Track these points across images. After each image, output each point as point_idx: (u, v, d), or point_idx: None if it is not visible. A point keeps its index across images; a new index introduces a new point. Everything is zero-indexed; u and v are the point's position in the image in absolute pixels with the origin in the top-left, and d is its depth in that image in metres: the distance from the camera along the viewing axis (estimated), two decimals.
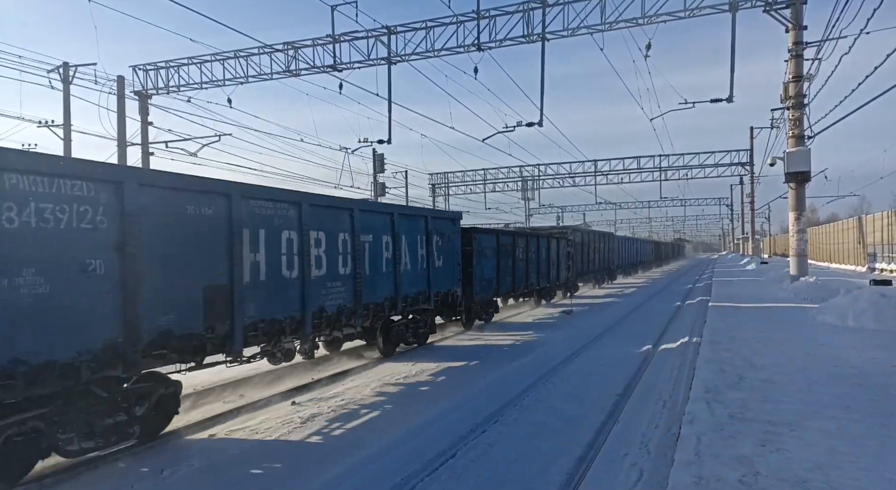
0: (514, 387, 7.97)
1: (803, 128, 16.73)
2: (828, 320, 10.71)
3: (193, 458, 5.47)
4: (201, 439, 6.10)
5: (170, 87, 21.77)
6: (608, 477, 4.73)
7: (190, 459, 5.43)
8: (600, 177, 40.68)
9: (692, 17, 16.84)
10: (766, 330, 9.92)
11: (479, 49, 18.37)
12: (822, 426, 4.64)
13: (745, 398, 5.53)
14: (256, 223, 7.04)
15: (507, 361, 9.94)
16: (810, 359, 7.38)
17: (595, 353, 10.56)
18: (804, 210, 17.11)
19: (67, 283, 4.87)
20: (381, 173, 32.25)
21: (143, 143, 22.08)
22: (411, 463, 5.15)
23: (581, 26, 17.36)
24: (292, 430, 6.24)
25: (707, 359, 7.52)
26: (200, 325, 6.14)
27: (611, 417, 6.48)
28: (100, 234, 5.16)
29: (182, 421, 6.58)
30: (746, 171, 40.17)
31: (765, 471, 3.73)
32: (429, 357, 10.53)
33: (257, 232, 7.05)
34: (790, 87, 16.74)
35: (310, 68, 19.93)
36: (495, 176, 43.58)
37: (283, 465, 5.26)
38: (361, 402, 7.39)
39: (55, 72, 19.59)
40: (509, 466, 5.06)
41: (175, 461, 5.40)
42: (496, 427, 6.15)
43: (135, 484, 4.94)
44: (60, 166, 4.93)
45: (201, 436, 6.20)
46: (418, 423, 6.35)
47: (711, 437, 4.40)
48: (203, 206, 6.26)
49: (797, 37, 16.27)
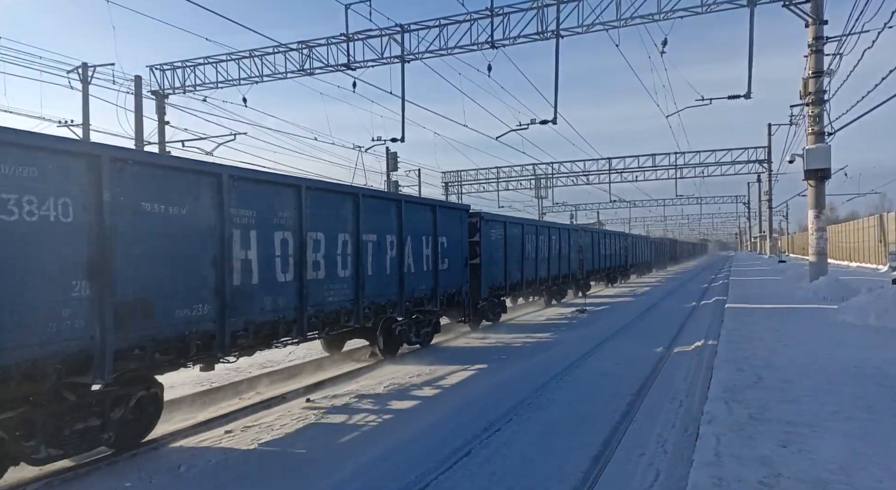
0: (528, 385, 7.92)
1: (823, 124, 16.43)
2: (848, 319, 10.51)
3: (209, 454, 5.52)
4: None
5: (186, 86, 21.97)
6: (624, 477, 4.68)
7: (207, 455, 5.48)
8: (614, 175, 40.35)
9: (709, 12, 16.61)
10: (785, 329, 9.76)
11: (493, 46, 18.28)
12: (844, 427, 4.54)
13: (764, 398, 5.44)
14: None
15: (522, 359, 9.89)
16: (831, 358, 7.25)
17: (609, 353, 10.47)
18: (824, 208, 16.79)
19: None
20: (395, 172, 32.31)
21: (160, 142, 22.31)
22: (424, 462, 5.15)
23: (596, 22, 17.19)
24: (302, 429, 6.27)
25: (725, 358, 7.42)
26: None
27: (626, 417, 6.42)
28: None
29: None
30: (764, 169, 39.60)
31: (786, 472, 3.66)
32: (436, 357, 10.51)
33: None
34: (810, 82, 16.44)
35: (324, 67, 19.99)
36: (508, 174, 43.44)
37: (294, 462, 5.28)
38: (372, 401, 7.40)
39: (74, 72, 19.88)
40: (524, 465, 5.03)
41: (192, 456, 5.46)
42: (510, 425, 6.13)
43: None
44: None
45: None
46: (431, 421, 6.34)
47: (731, 438, 4.33)
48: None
49: (817, 31, 15.97)
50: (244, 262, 6.74)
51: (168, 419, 6.48)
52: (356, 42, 19.31)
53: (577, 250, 22.49)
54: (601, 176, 40.93)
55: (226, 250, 6.42)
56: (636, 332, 13.03)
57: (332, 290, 8.41)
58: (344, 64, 19.58)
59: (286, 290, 7.43)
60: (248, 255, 6.80)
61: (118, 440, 5.48)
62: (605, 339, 11.93)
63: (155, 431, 5.93)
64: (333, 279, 8.44)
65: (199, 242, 6.16)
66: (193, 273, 6.07)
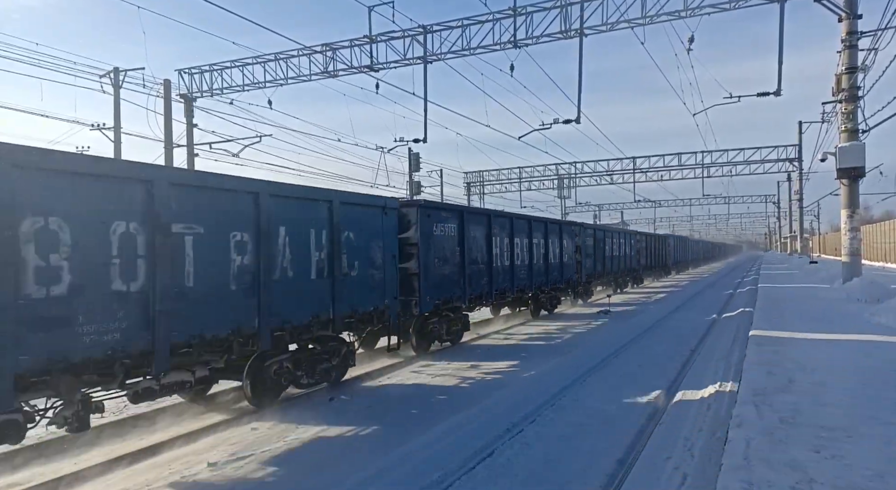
0: (552, 386, 7.85)
1: (857, 121, 15.95)
2: (883, 321, 10.20)
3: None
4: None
5: (213, 89, 22.38)
6: (650, 480, 4.61)
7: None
8: (639, 174, 39.81)
9: (738, 8, 16.29)
10: (817, 331, 9.51)
11: (516, 46, 18.21)
12: (880, 432, 4.40)
13: (796, 401, 5.31)
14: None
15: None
16: (865, 361, 7.03)
17: (635, 353, 10.32)
18: (857, 207, 16.30)
19: None
20: (417, 172, 32.42)
21: (188, 144, 22.76)
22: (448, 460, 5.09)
23: (621, 20, 17.00)
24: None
25: (754, 361, 7.26)
26: None
27: (651, 419, 6.32)
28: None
29: None
30: (794, 168, 38.61)
31: (820, 478, 3.56)
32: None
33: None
34: (843, 79, 15.98)
35: (347, 69, 20.17)
36: (531, 174, 43.19)
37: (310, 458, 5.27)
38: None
39: (106, 77, 20.43)
40: (547, 466, 4.99)
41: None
42: (533, 427, 6.09)
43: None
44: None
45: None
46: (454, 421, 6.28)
47: (761, 442, 4.23)
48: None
49: (851, 26, 15.52)
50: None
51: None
52: (379, 43, 19.44)
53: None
54: (625, 175, 40.44)
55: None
56: (665, 330, 12.77)
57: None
58: (367, 65, 19.73)
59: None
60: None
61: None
62: (632, 339, 11.70)
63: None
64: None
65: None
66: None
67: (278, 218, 7.08)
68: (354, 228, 8.47)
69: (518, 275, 14.60)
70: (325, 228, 7.90)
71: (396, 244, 9.57)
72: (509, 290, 14.21)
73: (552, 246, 17.13)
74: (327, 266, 7.89)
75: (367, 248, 8.78)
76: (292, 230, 7.31)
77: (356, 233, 8.50)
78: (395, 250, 9.47)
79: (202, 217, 6.10)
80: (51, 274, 4.72)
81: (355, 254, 8.47)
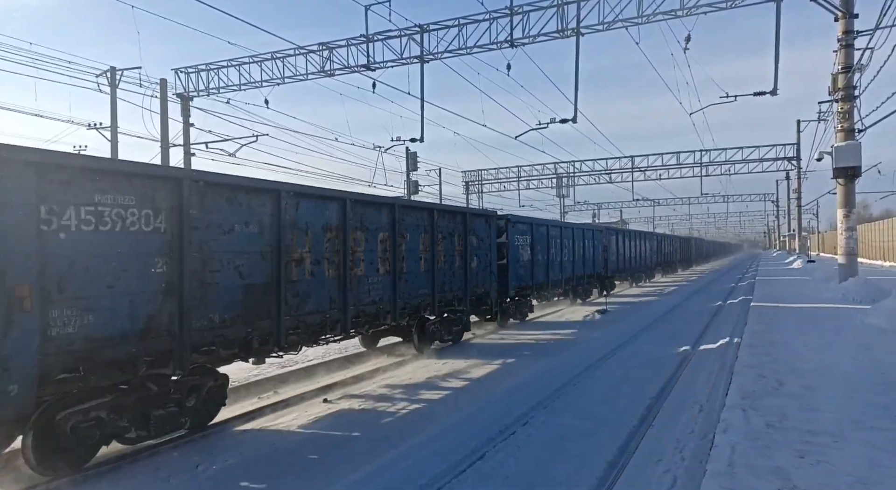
0: (545, 387, 7.89)
1: (853, 121, 15.95)
2: (877, 323, 10.20)
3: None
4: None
5: (210, 89, 22.34)
6: (640, 483, 4.63)
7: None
8: (637, 173, 39.81)
9: (735, 7, 16.27)
10: (810, 332, 9.53)
11: (513, 45, 18.18)
12: (865, 437, 4.42)
13: (783, 405, 5.32)
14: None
15: (543, 358, 9.86)
16: (856, 364, 7.05)
17: (631, 353, 10.35)
18: (854, 207, 16.30)
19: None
20: (415, 171, 32.41)
21: (184, 143, 22.74)
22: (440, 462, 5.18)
23: (617, 20, 16.97)
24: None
25: (746, 363, 7.27)
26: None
27: (644, 421, 6.34)
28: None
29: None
30: (793, 166, 38.62)
31: (803, 484, 3.58)
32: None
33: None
34: (839, 78, 15.97)
35: (344, 68, 20.13)
36: (529, 173, 43.17)
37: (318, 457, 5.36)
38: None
39: (103, 76, 20.40)
40: (538, 469, 5.02)
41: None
42: (525, 429, 6.11)
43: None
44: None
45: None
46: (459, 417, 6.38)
47: (746, 447, 4.25)
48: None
49: (847, 25, 15.51)
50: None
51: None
52: (376, 43, 19.40)
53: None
54: (623, 174, 40.44)
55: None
56: (659, 332, 12.84)
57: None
58: (364, 65, 19.69)
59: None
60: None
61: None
62: (628, 339, 11.80)
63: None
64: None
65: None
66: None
67: (440, 228, 10.89)
68: (475, 234, 12.19)
69: (564, 269, 18.69)
70: (460, 234, 11.60)
71: (496, 246, 13.22)
72: (558, 283, 18.23)
73: (587, 246, 21.04)
74: (461, 260, 11.62)
75: (480, 249, 12.45)
76: (444, 236, 11.05)
77: (476, 237, 12.22)
78: (495, 250, 13.12)
79: (410, 227, 9.91)
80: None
81: (475, 252, 12.18)
